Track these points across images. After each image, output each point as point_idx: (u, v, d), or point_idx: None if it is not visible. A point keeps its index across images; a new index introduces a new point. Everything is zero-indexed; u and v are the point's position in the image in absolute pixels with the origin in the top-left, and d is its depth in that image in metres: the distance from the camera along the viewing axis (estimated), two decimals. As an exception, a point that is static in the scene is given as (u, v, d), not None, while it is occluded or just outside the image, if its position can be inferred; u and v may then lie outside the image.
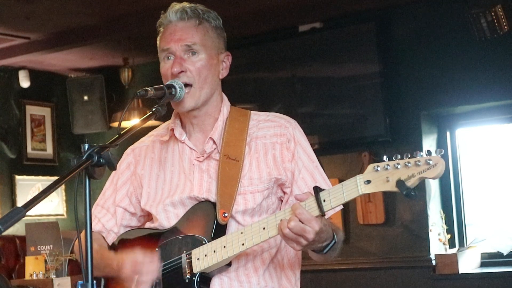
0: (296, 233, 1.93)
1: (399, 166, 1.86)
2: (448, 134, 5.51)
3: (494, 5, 4.85)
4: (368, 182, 1.90)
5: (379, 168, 1.89)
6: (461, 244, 5.43)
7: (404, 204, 5.32)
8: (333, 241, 2.06)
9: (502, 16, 4.83)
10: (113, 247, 2.29)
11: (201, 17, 2.19)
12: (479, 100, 5.17)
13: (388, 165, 1.87)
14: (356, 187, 1.91)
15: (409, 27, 5.37)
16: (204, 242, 2.11)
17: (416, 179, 1.84)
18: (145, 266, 2.06)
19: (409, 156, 1.86)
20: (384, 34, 5.37)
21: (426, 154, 1.85)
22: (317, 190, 1.96)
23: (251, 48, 5.81)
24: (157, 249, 2.19)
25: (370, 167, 1.90)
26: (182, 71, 2.14)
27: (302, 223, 1.93)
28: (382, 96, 5.31)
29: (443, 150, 1.85)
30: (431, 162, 1.83)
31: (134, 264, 2.06)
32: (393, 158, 1.88)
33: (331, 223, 2.08)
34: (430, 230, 5.25)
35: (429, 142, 5.40)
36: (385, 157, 1.89)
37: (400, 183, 1.85)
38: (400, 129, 5.32)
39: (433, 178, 1.85)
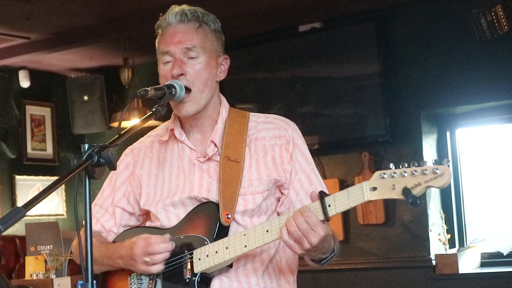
0: (302, 232, 1.94)
1: (405, 174, 1.86)
2: (448, 134, 5.51)
3: (494, 5, 4.85)
4: (374, 189, 1.90)
5: (385, 176, 1.89)
6: (461, 244, 5.43)
7: (404, 204, 5.31)
8: (332, 254, 2.08)
9: (502, 16, 4.83)
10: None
11: (201, 20, 2.19)
12: (479, 100, 5.17)
13: (394, 172, 1.88)
14: (362, 193, 1.91)
15: (409, 27, 5.37)
16: (206, 243, 2.12)
17: (423, 187, 1.85)
18: (158, 245, 2.08)
19: (416, 164, 1.86)
20: (384, 34, 5.37)
21: (433, 163, 1.85)
22: (322, 195, 1.96)
23: (251, 48, 5.81)
24: None
25: (377, 174, 1.91)
26: (182, 74, 2.14)
27: (309, 226, 1.94)
28: (382, 96, 5.31)
29: (450, 160, 1.86)
30: (438, 171, 1.83)
31: (146, 243, 2.08)
32: (400, 166, 1.88)
33: (333, 233, 2.09)
34: (430, 230, 5.25)
35: (429, 142, 5.40)
36: (391, 165, 1.89)
37: (406, 191, 1.85)
38: (400, 129, 5.32)
39: (439, 188, 1.85)
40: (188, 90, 2.14)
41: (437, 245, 5.27)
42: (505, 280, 4.99)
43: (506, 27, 4.84)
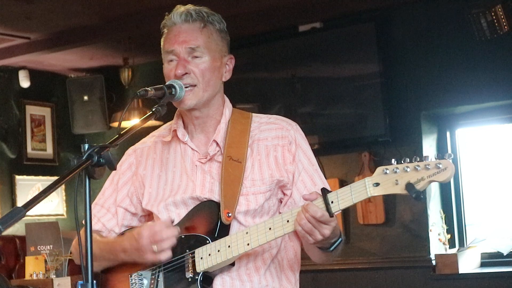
0: (313, 225, 1.95)
1: (408, 169, 1.87)
2: (448, 134, 5.51)
3: (494, 5, 4.85)
4: (377, 184, 1.90)
5: (388, 171, 1.89)
6: (461, 244, 5.43)
7: (404, 204, 5.32)
8: (340, 239, 2.08)
9: (502, 16, 4.83)
10: None
11: (206, 20, 2.20)
12: (479, 100, 5.17)
13: (397, 168, 1.88)
14: (364, 189, 1.92)
15: (409, 27, 5.37)
16: (208, 242, 2.12)
17: (426, 182, 1.85)
18: (164, 232, 2.06)
19: (418, 159, 1.87)
20: (384, 34, 5.37)
21: (435, 158, 1.85)
22: (325, 191, 1.97)
23: (251, 48, 5.81)
24: None
25: (379, 169, 1.91)
26: (186, 73, 2.15)
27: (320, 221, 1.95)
28: (382, 96, 5.31)
29: (452, 154, 1.86)
30: (441, 165, 1.84)
31: (152, 232, 2.06)
32: (402, 162, 1.89)
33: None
34: (430, 230, 5.25)
35: (429, 142, 5.40)
36: (393, 160, 1.90)
37: (409, 186, 1.85)
38: (400, 129, 5.32)
39: (443, 182, 1.86)
40: (192, 86, 2.15)
41: (437, 245, 5.27)
42: (505, 280, 4.99)
43: (506, 27, 4.84)
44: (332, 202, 1.95)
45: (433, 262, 5.18)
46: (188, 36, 2.17)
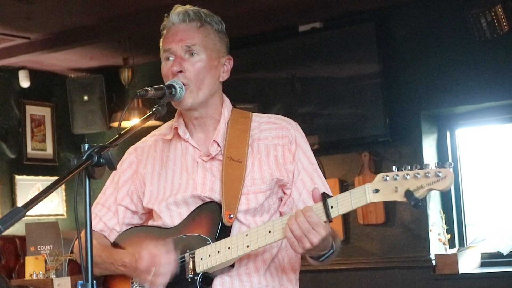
0: (303, 231, 1.95)
1: (408, 177, 1.88)
2: (448, 134, 5.51)
3: (494, 5, 4.85)
4: (377, 191, 1.92)
5: (388, 178, 1.90)
6: (461, 244, 5.43)
7: (405, 204, 5.31)
8: (331, 251, 2.08)
9: (502, 16, 4.83)
10: (117, 245, 2.29)
11: (203, 20, 2.21)
12: (479, 100, 5.17)
13: (397, 175, 1.89)
14: (364, 195, 1.93)
15: (409, 27, 5.37)
16: (208, 242, 2.12)
17: (425, 190, 1.86)
18: (163, 257, 2.07)
19: (419, 167, 1.88)
20: (384, 34, 5.37)
21: (436, 166, 1.86)
22: (325, 196, 1.98)
23: (251, 48, 5.80)
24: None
25: (379, 176, 1.92)
26: (181, 71, 2.16)
27: (310, 225, 1.94)
28: (382, 96, 5.31)
29: (452, 163, 1.87)
30: (440, 174, 1.85)
31: (151, 256, 2.06)
32: (403, 169, 1.90)
33: (332, 230, 2.09)
34: (430, 230, 5.25)
35: (429, 142, 5.40)
36: (394, 167, 1.91)
37: (408, 193, 1.87)
38: (400, 129, 5.32)
39: (442, 190, 1.87)
40: (186, 85, 2.16)
41: (437, 245, 5.27)
42: (505, 280, 4.99)
43: (506, 27, 4.84)
44: (331, 207, 1.96)
45: (433, 262, 5.18)
46: (185, 35, 2.18)
